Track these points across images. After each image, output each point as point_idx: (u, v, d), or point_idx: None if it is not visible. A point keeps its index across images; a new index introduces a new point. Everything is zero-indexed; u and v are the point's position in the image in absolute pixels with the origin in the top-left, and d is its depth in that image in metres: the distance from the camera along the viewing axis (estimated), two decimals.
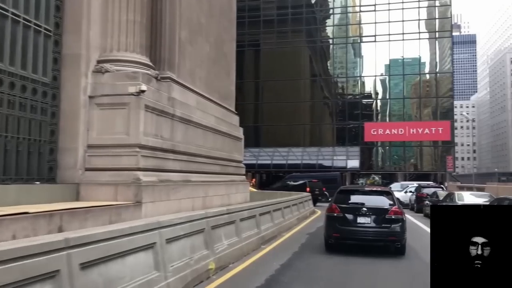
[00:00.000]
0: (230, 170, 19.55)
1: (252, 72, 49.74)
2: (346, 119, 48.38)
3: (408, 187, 27.23)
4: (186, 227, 6.09)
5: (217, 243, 7.26)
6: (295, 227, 14.64)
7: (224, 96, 20.31)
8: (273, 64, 48.87)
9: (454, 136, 47.68)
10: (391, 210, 9.90)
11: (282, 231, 12.56)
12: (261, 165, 44.62)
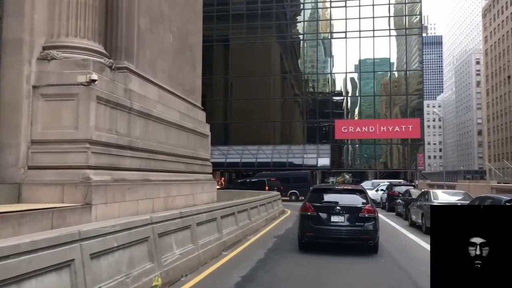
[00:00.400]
0: (196, 168, 18.74)
1: (221, 68, 48.85)
2: (317, 117, 48.29)
3: (379, 185, 27.12)
4: (122, 236, 4.89)
5: (166, 253, 6.19)
6: (262, 229, 13.81)
7: (189, 90, 19.45)
8: (242, 60, 48.16)
9: (425, 133, 48.41)
10: (365, 208, 9.96)
11: (248, 234, 11.74)
12: (230, 164, 43.83)
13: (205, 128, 20.92)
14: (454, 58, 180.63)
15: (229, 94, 49.19)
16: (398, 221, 17.30)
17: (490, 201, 9.84)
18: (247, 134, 47.18)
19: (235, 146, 45.99)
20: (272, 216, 16.11)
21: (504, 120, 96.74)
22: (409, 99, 46.83)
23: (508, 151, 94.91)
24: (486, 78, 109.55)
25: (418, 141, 46.14)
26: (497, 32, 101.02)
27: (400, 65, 47.87)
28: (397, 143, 46.87)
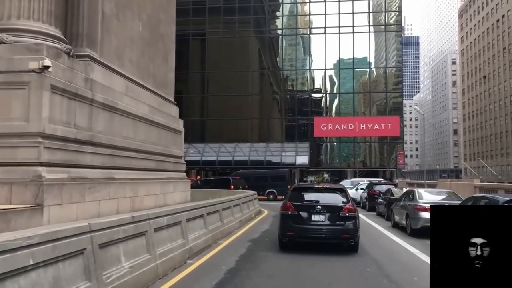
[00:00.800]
0: (167, 166, 17.86)
1: (198, 63, 47.75)
2: (296, 114, 47.81)
3: (359, 184, 26.67)
4: (42, 251, 3.76)
5: (111, 267, 5.08)
6: (236, 231, 12.86)
7: (161, 83, 18.53)
8: (219, 55, 47.18)
9: (404, 132, 48.55)
10: (345, 207, 9.98)
11: (219, 238, 10.76)
12: (206, 162, 42.85)
13: (178, 124, 20.06)
14: (430, 58, 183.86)
15: (205, 90, 48.12)
16: (380, 222, 16.64)
17: (485, 201, 9.31)
18: (224, 131, 46.31)
19: (211, 143, 45.03)
20: (247, 217, 15.30)
21: (480, 119, 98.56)
22: (389, 97, 46.83)
23: (483, 150, 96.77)
24: (462, 78, 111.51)
25: (397, 139, 46.29)
26: (473, 32, 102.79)
27: (380, 62, 47.78)
28: (376, 141, 46.78)
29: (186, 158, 42.47)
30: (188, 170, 46.07)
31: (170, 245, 6.69)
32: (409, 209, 12.64)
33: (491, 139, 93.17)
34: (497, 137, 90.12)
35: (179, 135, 20.12)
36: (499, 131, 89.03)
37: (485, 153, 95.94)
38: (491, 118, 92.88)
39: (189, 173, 45.35)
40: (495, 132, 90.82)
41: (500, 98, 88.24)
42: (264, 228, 13.96)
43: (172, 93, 20.41)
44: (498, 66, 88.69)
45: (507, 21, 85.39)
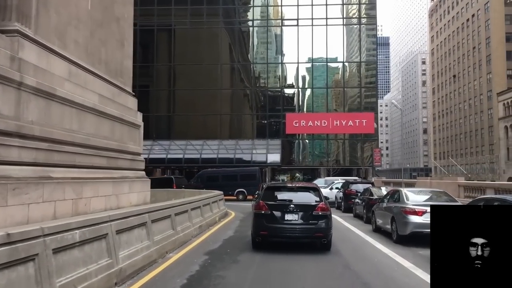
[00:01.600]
0: (122, 163, 16.11)
1: (164, 56, 45.56)
2: (267, 110, 46.40)
3: (334, 183, 25.48)
4: None
5: None
6: (193, 240, 10.95)
7: (115, 71, 16.75)
8: (187, 48, 45.17)
9: (379, 129, 47.86)
10: (318, 206, 10.10)
11: (169, 250, 8.81)
12: (171, 160, 40.89)
13: (136, 117, 18.32)
14: (400, 58, 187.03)
15: (172, 84, 46.01)
16: (359, 225, 15.46)
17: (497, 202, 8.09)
18: (192, 127, 44.43)
19: (178, 140, 43.06)
20: (210, 222, 13.66)
21: (449, 118, 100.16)
22: (363, 93, 46.02)
23: (453, 149, 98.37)
24: (432, 77, 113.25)
25: (372, 137, 45.69)
26: (443, 32, 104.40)
27: (354, 56, 46.83)
28: (350, 139, 45.79)
29: (150, 156, 40.50)
30: (153, 169, 44.09)
31: (85, 269, 4.86)
32: (395, 212, 11.12)
33: (460, 138, 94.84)
34: (466, 136, 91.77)
35: (137, 130, 18.38)
36: (468, 130, 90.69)
37: (454, 151, 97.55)
38: (460, 117, 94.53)
39: (153, 172, 43.32)
40: (465, 131, 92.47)
41: (470, 97, 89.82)
42: (227, 234, 12.35)
43: (129, 82, 18.65)
44: (468, 66, 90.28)
45: (476, 21, 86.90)
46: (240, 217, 17.57)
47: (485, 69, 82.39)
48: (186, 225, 10.58)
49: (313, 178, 43.49)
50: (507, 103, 70.60)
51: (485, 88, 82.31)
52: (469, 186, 17.49)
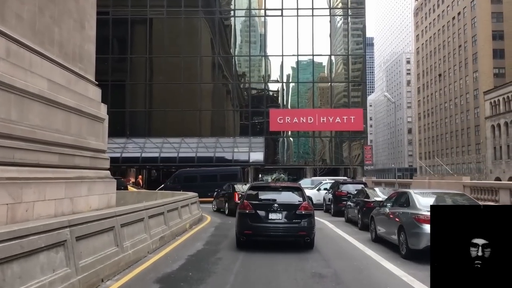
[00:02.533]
0: (80, 161, 14.12)
1: (141, 48, 43.04)
2: (250, 105, 44.30)
3: (322, 183, 23.72)
4: None
5: None
6: (150, 256, 8.82)
7: (73, 55, 14.74)
8: (163, 39, 42.79)
9: (368, 126, 46.22)
10: (301, 206, 10.42)
11: (106, 277, 6.55)
12: (146, 159, 38.65)
13: (99, 109, 16.31)
14: (385, 58, 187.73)
15: (147, 78, 43.56)
16: (354, 232, 13.55)
17: None
18: (169, 124, 42.18)
19: (154, 138, 40.84)
20: (177, 231, 11.52)
21: (435, 118, 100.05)
22: (351, 87, 44.28)
23: (438, 149, 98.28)
24: (417, 76, 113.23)
25: (361, 134, 43.96)
26: (428, 30, 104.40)
27: (341, 49, 44.98)
28: (338, 136, 43.84)
29: (124, 154, 38.25)
30: (127, 169, 41.80)
31: None
32: (404, 220, 9.19)
33: (446, 137, 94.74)
34: (452, 136, 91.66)
35: (101, 123, 16.38)
36: (454, 129, 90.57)
37: (440, 151, 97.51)
38: (446, 117, 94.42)
39: (127, 172, 41.04)
40: (450, 131, 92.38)
41: (456, 96, 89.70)
42: (195, 248, 10.29)
43: (91, 69, 16.64)
44: (454, 64, 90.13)
45: (462, 19, 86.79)
46: (216, 223, 15.66)
47: (471, 67, 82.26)
48: (140, 238, 8.55)
49: (299, 179, 41.77)
50: (493, 102, 70.31)
51: (471, 87, 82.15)
52: (477, 187, 15.59)
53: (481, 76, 78.94)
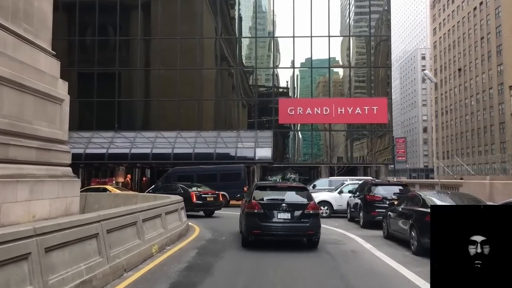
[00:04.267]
0: (17, 153, 10.64)
1: (130, 27, 38.33)
2: (256, 94, 39.70)
3: (344, 185, 19.63)
4: None
5: None
6: None
7: (13, 10, 11.16)
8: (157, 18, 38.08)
9: (392, 117, 41.27)
10: (309, 205, 10.78)
11: None
12: (136, 156, 34.22)
13: (54, 87, 12.75)
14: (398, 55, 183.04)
15: (138, 63, 38.84)
16: (411, 261, 9.03)
17: None
18: (163, 116, 38.04)
19: (145, 131, 36.70)
20: (129, 260, 7.10)
21: (454, 115, 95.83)
22: (374, 73, 39.35)
23: (457, 148, 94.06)
24: (434, 72, 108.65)
25: (385, 127, 38.75)
26: (447, 23, 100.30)
27: (362, 29, 40.26)
28: (358, 130, 39.17)
29: (110, 150, 34.59)
30: (115, 167, 38.10)
31: None
32: None
33: (466, 135, 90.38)
34: (474, 134, 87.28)
35: (57, 105, 12.77)
36: (476, 127, 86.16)
37: (460, 150, 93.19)
38: (467, 114, 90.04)
39: (115, 171, 37.38)
40: (472, 128, 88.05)
41: (478, 91, 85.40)
42: (176, 275, 6.38)
43: (45, 35, 13.04)
44: (475, 58, 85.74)
45: (485, 9, 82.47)
46: (204, 240, 11.77)
47: (495, 61, 77.91)
48: (97, 262, 4.77)
49: (310, 179, 37.70)
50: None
51: (495, 81, 77.82)
52: None
53: (506, 69, 74.52)
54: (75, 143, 30.85)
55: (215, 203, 19.82)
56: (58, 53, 13.60)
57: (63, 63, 14.87)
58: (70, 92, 13.57)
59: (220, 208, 20.37)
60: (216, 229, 14.57)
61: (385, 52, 39.74)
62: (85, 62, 38.42)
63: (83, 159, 32.17)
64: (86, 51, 38.60)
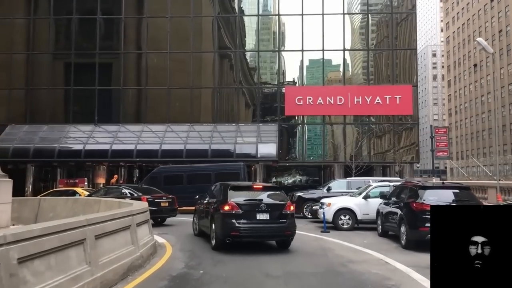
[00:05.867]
0: None
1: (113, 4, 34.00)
2: (259, 80, 34.43)
3: (371, 187, 15.13)
4: None
5: None
6: None
7: None
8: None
9: (418, 108, 35.90)
10: (287, 205, 10.82)
11: None
12: (118, 153, 29.59)
13: None
14: None
15: (122, 46, 33.72)
16: None
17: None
18: (150, 106, 33.58)
19: (130, 124, 31.92)
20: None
21: (469, 113, 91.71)
22: (396, 56, 34.16)
23: (473, 148, 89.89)
24: (447, 68, 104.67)
25: (410, 120, 33.42)
26: (461, 17, 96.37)
27: (383, 5, 35.22)
28: (378, 122, 34.06)
29: (88, 146, 30.27)
30: (94, 166, 33.62)
31: None
32: None
33: (483, 135, 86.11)
34: (491, 133, 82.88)
35: None
36: (494, 125, 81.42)
37: (475, 151, 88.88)
38: (483, 112, 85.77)
39: (95, 170, 33.01)
40: (488, 127, 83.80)
41: (495, 88, 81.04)
42: None
43: None
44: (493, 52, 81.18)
45: (503, 0, 78.07)
46: (180, 266, 7.71)
47: None
48: None
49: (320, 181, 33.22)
50: None
51: None
52: None
53: None
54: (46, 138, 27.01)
55: (171, 208, 17.19)
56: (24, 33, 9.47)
57: (36, 46, 10.84)
58: (40, 79, 9.69)
59: (175, 214, 17.49)
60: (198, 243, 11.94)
61: (409, 31, 34.56)
62: (60, 44, 34.61)
63: (55, 156, 28.31)
64: (61, 32, 34.46)
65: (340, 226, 15.17)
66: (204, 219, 12.24)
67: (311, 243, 12.33)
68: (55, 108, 33.69)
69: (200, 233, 13.02)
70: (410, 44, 34.61)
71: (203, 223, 12.31)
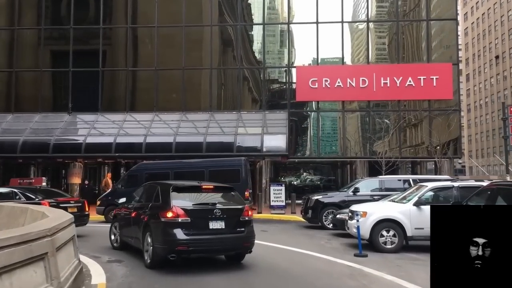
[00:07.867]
0: None
1: None
2: (263, 60, 29.76)
3: (428, 188, 10.56)
4: None
5: None
6: None
7: None
8: None
9: (460, 92, 30.64)
10: (245, 210, 9.36)
11: None
12: (93, 147, 25.23)
13: None
14: None
15: (101, 20, 29.44)
16: None
17: None
18: (135, 91, 29.50)
19: (110, 113, 27.76)
20: None
21: (490, 109, 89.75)
22: (431, 29, 29.08)
23: (494, 146, 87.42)
24: (466, 61, 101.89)
25: (449, 104, 27.54)
26: (481, 6, 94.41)
27: None
28: (411, 108, 29.02)
29: (57, 140, 25.95)
30: (67, 163, 29.41)
31: None
32: None
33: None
34: None
35: None
36: None
37: (497, 148, 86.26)
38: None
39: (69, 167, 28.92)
40: None
41: None
42: None
43: None
44: None
45: None
46: None
47: None
48: None
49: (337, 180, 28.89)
50: None
51: None
52: None
53: None
54: (9, 130, 23.06)
55: (80, 215, 14.10)
56: None
57: None
58: None
59: (86, 222, 14.71)
60: None
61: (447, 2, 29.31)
62: (26, 19, 30.35)
63: (18, 152, 24.07)
64: (29, 4, 30.21)
65: (382, 246, 11.03)
66: (130, 229, 10.27)
67: (345, 281, 8.13)
68: (19, 94, 29.60)
69: (123, 246, 11.06)
70: (449, 14, 29.44)
71: (129, 233, 10.34)
